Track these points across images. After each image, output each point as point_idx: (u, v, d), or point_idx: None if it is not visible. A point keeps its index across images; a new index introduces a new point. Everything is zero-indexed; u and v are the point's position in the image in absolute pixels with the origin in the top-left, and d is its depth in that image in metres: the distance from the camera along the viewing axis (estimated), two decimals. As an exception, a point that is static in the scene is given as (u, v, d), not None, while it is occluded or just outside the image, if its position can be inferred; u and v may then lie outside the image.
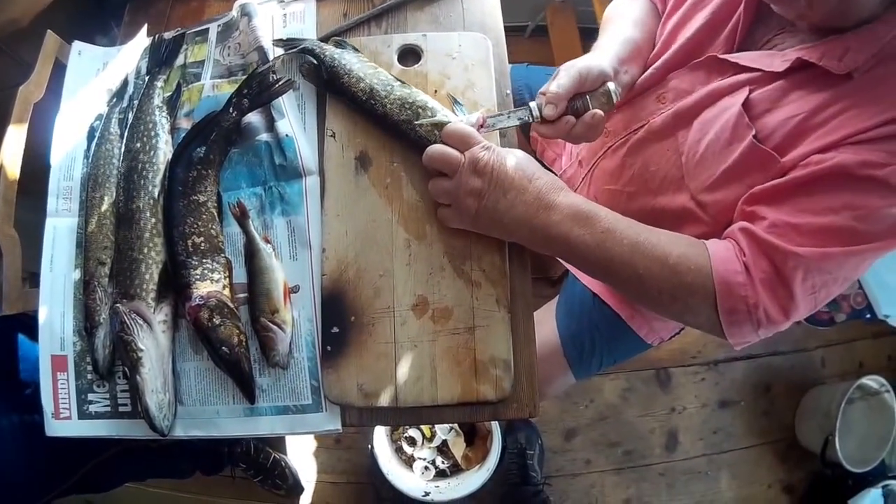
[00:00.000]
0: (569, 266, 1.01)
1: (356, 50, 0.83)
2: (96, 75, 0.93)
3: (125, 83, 0.91)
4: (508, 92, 0.85)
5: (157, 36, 0.92)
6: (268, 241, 0.77)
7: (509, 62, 0.88)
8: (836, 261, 0.65)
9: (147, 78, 0.88)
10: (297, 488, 1.63)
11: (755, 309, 0.66)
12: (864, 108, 0.65)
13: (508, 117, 0.75)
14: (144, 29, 0.96)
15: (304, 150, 0.80)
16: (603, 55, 0.81)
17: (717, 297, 0.67)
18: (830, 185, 0.65)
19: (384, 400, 0.70)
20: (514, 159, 0.70)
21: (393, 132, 0.78)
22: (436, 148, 0.71)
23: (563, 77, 0.73)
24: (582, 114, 0.74)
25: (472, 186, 0.69)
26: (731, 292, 0.66)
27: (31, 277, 0.85)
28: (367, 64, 0.81)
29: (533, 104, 0.74)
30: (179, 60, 0.91)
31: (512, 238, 0.73)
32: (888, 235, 0.65)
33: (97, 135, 0.87)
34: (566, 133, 0.74)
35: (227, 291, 0.74)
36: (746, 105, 0.73)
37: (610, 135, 0.93)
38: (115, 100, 0.90)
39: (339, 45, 0.83)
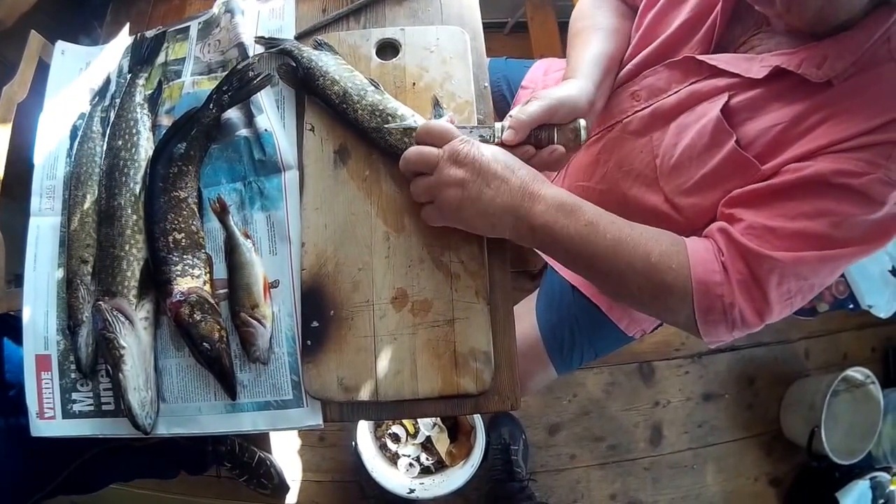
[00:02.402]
0: (548, 259, 1.01)
1: (334, 51, 0.83)
2: (79, 74, 0.93)
3: (107, 82, 0.91)
4: (486, 84, 0.86)
5: (138, 35, 0.93)
6: (248, 237, 0.77)
7: (489, 58, 0.89)
8: (811, 265, 0.66)
9: (129, 76, 0.89)
10: (283, 487, 1.62)
11: (731, 309, 0.67)
12: (843, 118, 0.65)
13: (470, 132, 0.74)
14: (127, 28, 0.96)
15: (283, 144, 0.80)
16: (578, 84, 0.78)
17: (695, 295, 0.67)
18: (807, 191, 0.66)
19: (364, 394, 0.71)
20: (495, 152, 0.69)
21: (364, 138, 0.78)
22: (412, 150, 0.71)
23: (533, 105, 0.72)
24: (545, 146, 0.73)
25: (454, 177, 0.67)
26: (709, 292, 0.67)
27: (16, 279, 0.85)
28: (344, 66, 0.81)
29: (498, 125, 0.73)
30: (161, 58, 0.91)
31: (495, 231, 0.71)
32: (862, 242, 0.66)
33: (80, 133, 0.86)
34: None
35: (207, 287, 0.74)
36: (726, 111, 0.73)
37: None
38: (97, 98, 0.90)
39: (317, 45, 0.84)
